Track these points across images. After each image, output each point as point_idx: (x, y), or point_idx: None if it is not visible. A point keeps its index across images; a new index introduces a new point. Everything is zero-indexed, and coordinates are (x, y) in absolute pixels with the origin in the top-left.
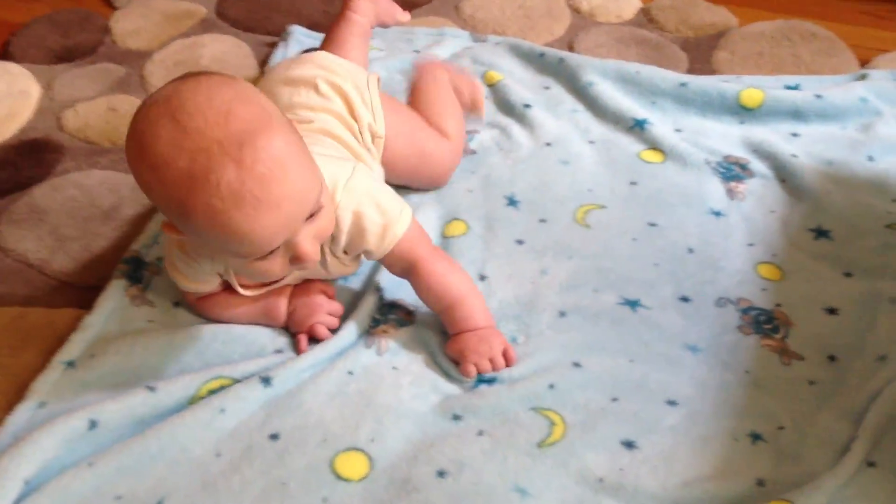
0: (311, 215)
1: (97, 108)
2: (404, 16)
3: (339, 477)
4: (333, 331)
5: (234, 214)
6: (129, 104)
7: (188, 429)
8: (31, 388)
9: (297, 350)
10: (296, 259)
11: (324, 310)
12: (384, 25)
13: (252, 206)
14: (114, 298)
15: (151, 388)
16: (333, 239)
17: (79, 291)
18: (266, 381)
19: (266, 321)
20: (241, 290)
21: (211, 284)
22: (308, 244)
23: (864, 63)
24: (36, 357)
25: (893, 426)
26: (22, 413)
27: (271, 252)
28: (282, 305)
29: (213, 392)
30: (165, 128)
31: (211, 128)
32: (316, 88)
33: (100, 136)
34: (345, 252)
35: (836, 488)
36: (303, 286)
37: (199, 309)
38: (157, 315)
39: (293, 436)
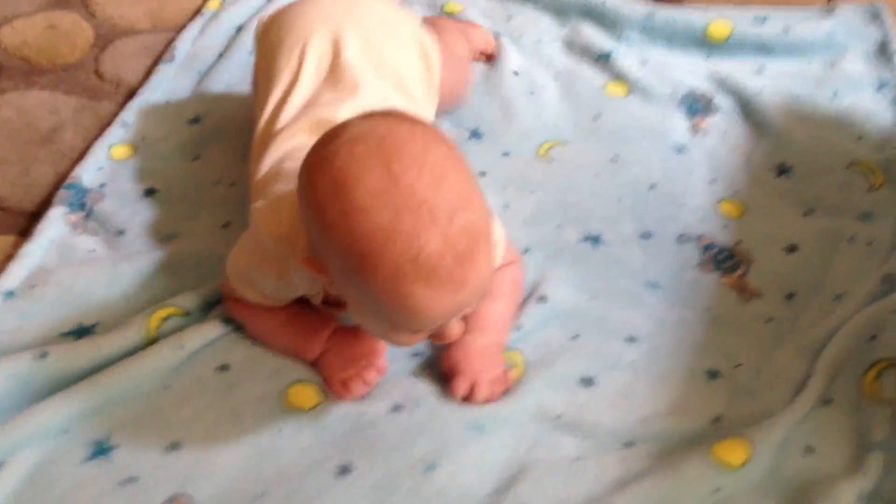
0: None
1: (35, 24)
2: None
3: (292, 406)
4: None
5: (419, 286)
6: (69, 22)
7: (139, 363)
8: None
9: (335, 394)
10: (440, 338)
11: (370, 364)
12: None
13: (442, 283)
14: (54, 226)
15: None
16: None
17: (17, 217)
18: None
19: (295, 350)
20: (325, 310)
21: (282, 302)
22: (458, 326)
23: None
24: None
25: (849, 363)
26: None
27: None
28: (317, 343)
29: (164, 320)
30: (375, 173)
31: (424, 188)
32: (397, 43)
33: (38, 55)
34: None
35: (793, 425)
36: (351, 330)
37: (235, 308)
38: (100, 244)
39: (244, 367)
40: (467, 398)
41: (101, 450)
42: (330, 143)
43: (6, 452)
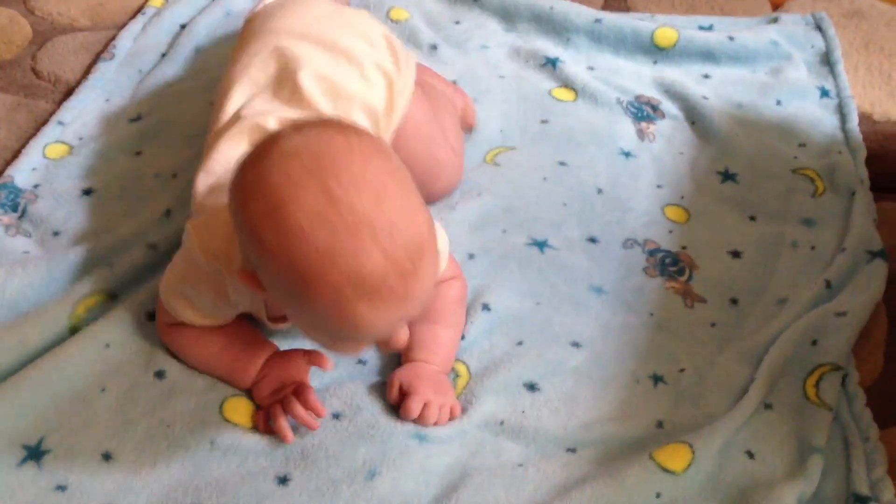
0: None
1: None
2: None
3: (227, 420)
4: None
5: (362, 305)
6: (6, 17)
7: (71, 359)
8: None
9: (258, 425)
10: (386, 346)
11: (291, 393)
12: None
13: (385, 300)
14: None
15: (25, 311)
16: None
17: None
18: (151, 315)
19: (230, 379)
20: (269, 325)
21: (223, 319)
22: (404, 332)
23: (776, 7)
24: None
25: (790, 369)
26: None
27: None
28: (251, 371)
29: (89, 308)
30: (312, 194)
31: (364, 206)
32: (361, 71)
33: None
34: None
35: (734, 430)
36: (283, 356)
37: (169, 334)
38: (34, 246)
39: (180, 377)
40: (417, 419)
41: (32, 454)
42: (262, 158)
43: None
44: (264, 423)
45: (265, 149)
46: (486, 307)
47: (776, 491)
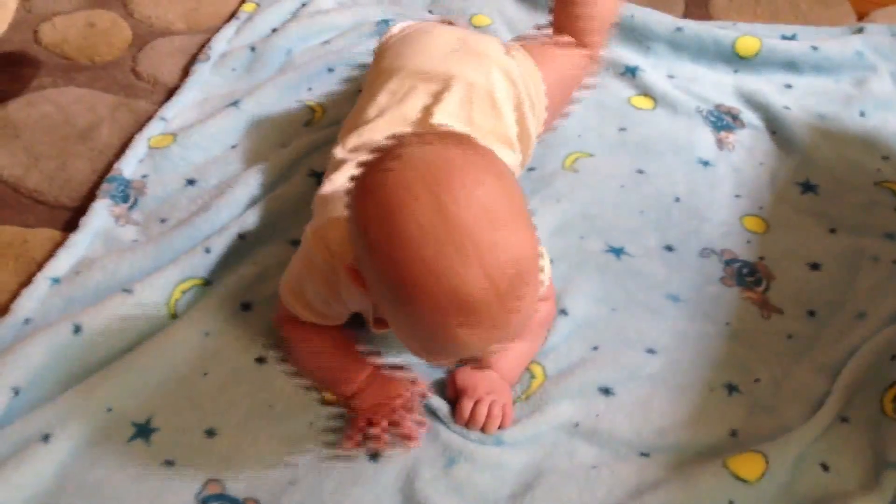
0: None
1: (75, 22)
2: None
3: (326, 403)
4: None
5: (458, 323)
6: (108, 21)
7: (175, 347)
8: (15, 303)
9: (347, 437)
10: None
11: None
12: None
13: (482, 323)
14: (99, 217)
15: (128, 290)
16: None
17: (53, 211)
18: (246, 306)
19: (333, 383)
20: (373, 329)
21: (334, 320)
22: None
23: (861, 16)
24: (11, 276)
25: (868, 382)
26: (7, 328)
27: None
28: (356, 378)
29: (186, 292)
30: (424, 205)
31: (472, 223)
32: (492, 100)
33: (77, 53)
34: None
35: (809, 441)
36: (387, 375)
37: (285, 328)
38: (143, 234)
39: (280, 361)
40: (468, 422)
41: (142, 431)
42: (384, 162)
43: (54, 424)
44: (358, 436)
45: (388, 154)
46: (563, 312)
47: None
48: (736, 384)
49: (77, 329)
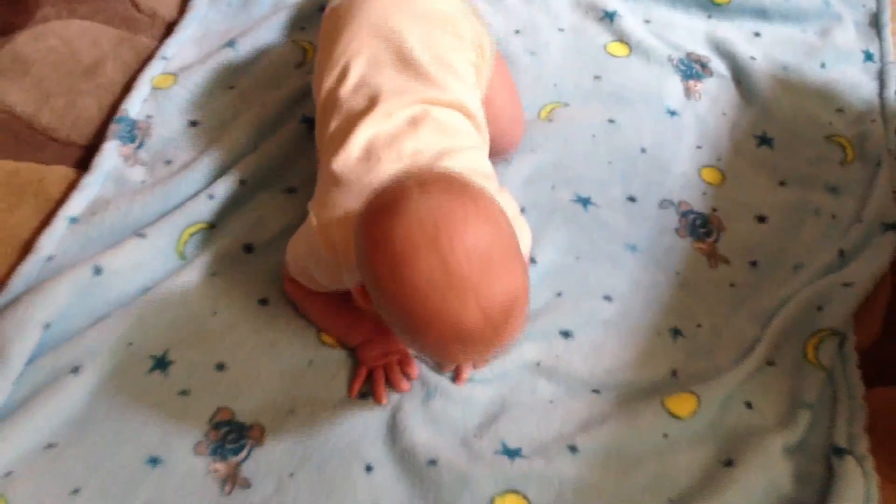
0: None
1: None
2: None
3: (323, 343)
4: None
5: (458, 348)
6: None
7: (186, 287)
8: (37, 241)
9: (353, 386)
10: (461, 370)
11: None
12: None
13: (477, 346)
14: (109, 158)
15: (141, 235)
16: None
17: (65, 148)
18: (248, 248)
19: (344, 331)
20: (358, 300)
21: (334, 290)
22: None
23: None
24: (30, 212)
25: (794, 331)
26: (32, 265)
27: None
28: (363, 331)
29: (193, 235)
30: (429, 261)
31: (472, 275)
32: (455, 31)
33: None
34: None
35: (737, 383)
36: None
37: (292, 287)
38: (149, 174)
39: (281, 305)
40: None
41: (159, 364)
42: (388, 215)
43: (82, 357)
44: (359, 387)
45: (392, 204)
46: (532, 260)
47: (766, 439)
48: (680, 329)
49: (97, 270)
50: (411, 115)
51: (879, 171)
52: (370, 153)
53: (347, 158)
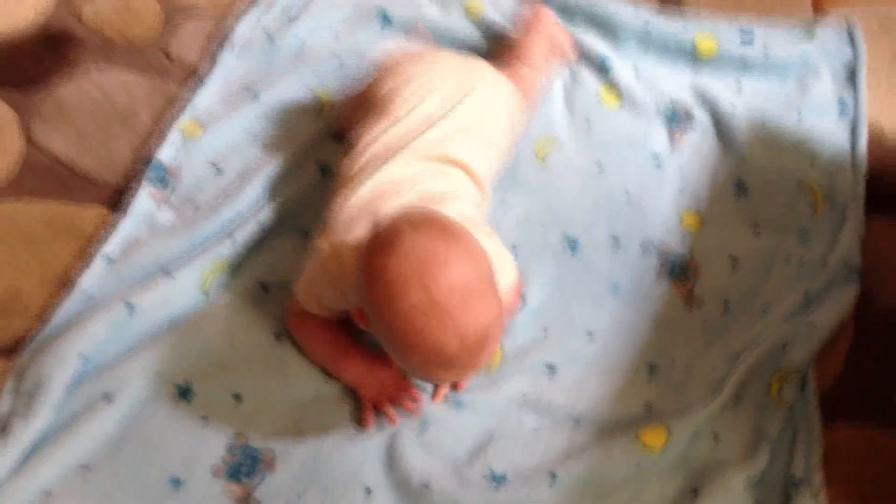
0: None
1: (112, 1)
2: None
3: (328, 378)
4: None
5: (438, 368)
6: (140, 1)
7: (208, 322)
8: (77, 280)
9: (364, 421)
10: (455, 386)
11: (402, 390)
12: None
13: (455, 368)
14: (142, 202)
15: (169, 274)
16: None
17: (101, 189)
18: (265, 286)
19: (331, 365)
20: (358, 321)
21: (333, 313)
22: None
23: (819, 10)
24: (66, 248)
25: (760, 369)
26: (74, 302)
27: None
28: (353, 365)
29: (216, 275)
30: (416, 292)
31: (453, 307)
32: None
33: (114, 33)
34: None
35: (706, 418)
36: (382, 358)
37: (295, 325)
38: (178, 218)
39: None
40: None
41: (182, 393)
42: (385, 249)
43: (114, 387)
44: (371, 417)
45: (388, 241)
46: (522, 297)
47: (730, 470)
48: (656, 365)
49: (130, 307)
50: (422, 167)
51: (846, 219)
52: (382, 188)
53: (360, 197)
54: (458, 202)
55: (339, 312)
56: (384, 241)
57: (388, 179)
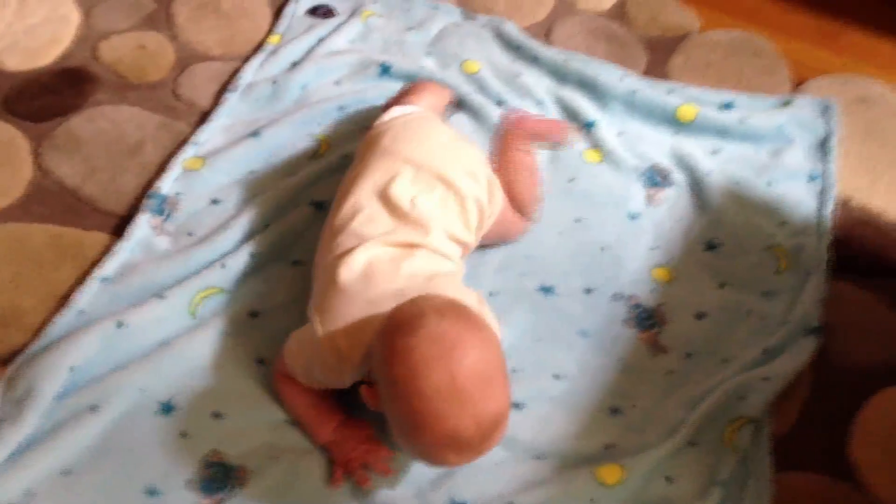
0: None
1: (128, 42)
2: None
3: None
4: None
5: (450, 452)
6: (156, 42)
7: (195, 343)
8: (73, 298)
9: (334, 482)
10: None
11: (374, 453)
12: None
13: (467, 453)
14: (141, 228)
15: (161, 296)
16: None
17: (106, 217)
18: (253, 314)
19: (307, 426)
20: (366, 399)
21: (322, 386)
22: None
23: (799, 83)
24: (69, 271)
25: (716, 416)
26: (66, 318)
27: None
28: (327, 428)
29: (205, 298)
30: (440, 375)
31: (474, 392)
32: (463, 205)
33: (129, 72)
34: None
35: (662, 458)
36: (356, 421)
37: (278, 382)
38: (174, 245)
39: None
40: None
41: (165, 408)
42: (409, 333)
43: (100, 399)
44: (342, 475)
45: (412, 322)
46: None
47: None
48: (618, 407)
49: (120, 324)
50: (408, 241)
51: (808, 280)
52: (371, 272)
53: (350, 274)
54: (449, 280)
55: (330, 388)
56: (408, 322)
57: (376, 255)
